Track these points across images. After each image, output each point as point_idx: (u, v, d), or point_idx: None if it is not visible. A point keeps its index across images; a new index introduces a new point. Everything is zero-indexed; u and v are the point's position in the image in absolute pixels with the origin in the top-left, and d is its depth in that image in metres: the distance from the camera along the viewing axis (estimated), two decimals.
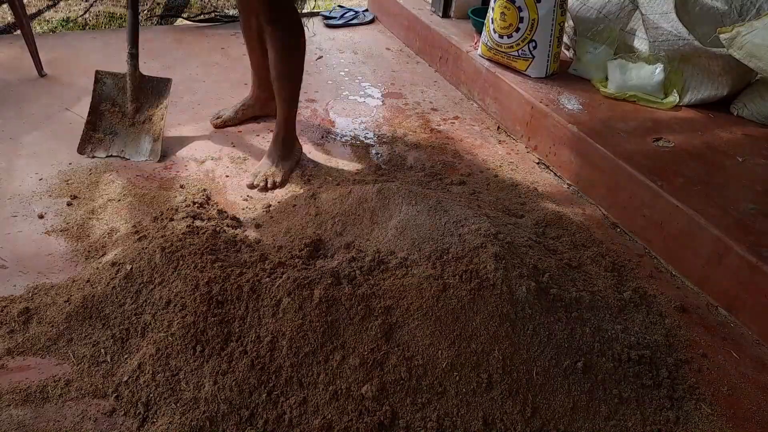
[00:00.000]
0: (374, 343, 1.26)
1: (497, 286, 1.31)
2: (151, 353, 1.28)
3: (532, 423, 1.22)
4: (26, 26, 2.50)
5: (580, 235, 1.83)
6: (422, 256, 1.41)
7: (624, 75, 2.33)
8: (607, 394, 1.28)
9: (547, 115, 2.23)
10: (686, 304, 1.63)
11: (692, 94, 2.28)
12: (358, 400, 1.21)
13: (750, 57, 2.02)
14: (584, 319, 1.38)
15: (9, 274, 1.56)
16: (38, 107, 2.30)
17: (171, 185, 1.96)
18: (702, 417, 1.31)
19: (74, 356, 1.32)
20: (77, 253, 1.64)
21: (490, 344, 1.26)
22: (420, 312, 1.29)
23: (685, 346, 1.49)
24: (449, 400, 1.23)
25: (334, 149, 2.26)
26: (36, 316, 1.40)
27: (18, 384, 1.27)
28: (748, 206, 1.73)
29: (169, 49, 2.99)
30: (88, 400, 1.24)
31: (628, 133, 2.09)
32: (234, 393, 1.21)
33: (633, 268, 1.74)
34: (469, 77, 2.73)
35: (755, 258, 1.53)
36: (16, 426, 1.18)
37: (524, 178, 2.16)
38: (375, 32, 3.51)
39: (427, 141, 2.36)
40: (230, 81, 2.72)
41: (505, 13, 2.39)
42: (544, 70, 2.44)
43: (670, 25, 2.18)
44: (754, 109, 2.21)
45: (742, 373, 1.44)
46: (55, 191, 1.88)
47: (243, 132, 2.32)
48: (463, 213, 1.54)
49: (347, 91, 2.74)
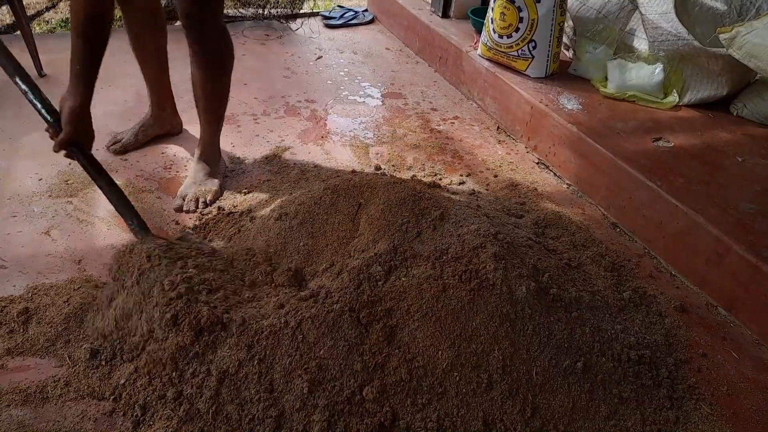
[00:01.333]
0: (376, 346, 1.26)
1: (497, 286, 1.31)
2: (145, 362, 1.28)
3: (531, 423, 1.22)
4: (26, 27, 2.50)
5: (580, 235, 1.83)
6: (422, 256, 1.41)
7: (624, 75, 2.33)
8: (607, 394, 1.28)
9: (547, 115, 2.23)
10: (686, 304, 1.63)
11: (692, 94, 2.28)
12: (359, 402, 1.21)
13: (749, 57, 2.02)
14: (584, 319, 1.38)
15: (9, 274, 1.56)
16: None
17: (170, 188, 1.96)
18: (702, 417, 1.31)
19: (70, 358, 1.32)
20: (77, 253, 1.65)
21: (490, 344, 1.26)
22: (420, 313, 1.29)
23: (685, 346, 1.49)
24: (449, 400, 1.23)
25: (333, 149, 2.26)
26: (35, 317, 1.40)
27: (18, 384, 1.27)
28: (747, 206, 1.73)
29: (168, 49, 2.98)
30: (88, 401, 1.24)
31: (628, 133, 2.09)
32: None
33: (633, 268, 1.74)
34: (469, 77, 2.73)
35: (755, 258, 1.53)
36: (16, 426, 1.18)
37: (524, 178, 2.16)
38: (375, 32, 3.51)
39: (426, 141, 2.36)
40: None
41: (504, 13, 2.40)
42: (544, 70, 2.44)
43: (669, 25, 2.18)
44: (754, 108, 2.21)
45: (741, 373, 1.44)
46: (55, 191, 1.88)
47: (242, 132, 2.32)
48: (463, 213, 1.54)
49: (347, 91, 2.74)
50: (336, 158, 2.20)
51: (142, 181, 1.97)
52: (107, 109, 2.36)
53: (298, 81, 2.80)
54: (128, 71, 2.69)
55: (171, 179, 2.00)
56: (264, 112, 2.49)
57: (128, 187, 1.92)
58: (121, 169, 2.02)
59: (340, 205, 1.56)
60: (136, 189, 1.92)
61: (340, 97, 2.68)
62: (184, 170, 2.05)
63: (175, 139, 2.23)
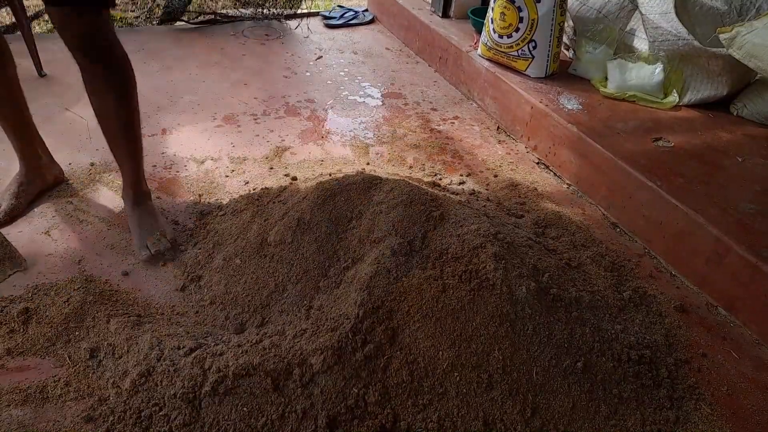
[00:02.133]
0: (378, 349, 1.26)
1: (497, 286, 1.31)
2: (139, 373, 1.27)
3: (532, 423, 1.22)
4: (26, 27, 2.50)
5: (580, 235, 1.83)
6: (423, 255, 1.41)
7: (624, 75, 2.33)
8: (607, 394, 1.28)
9: (547, 115, 2.23)
10: (686, 304, 1.63)
11: (692, 94, 2.28)
12: (361, 406, 1.21)
13: (749, 57, 2.02)
14: (584, 319, 1.38)
15: None
16: (38, 107, 2.29)
17: (169, 189, 1.96)
18: (701, 417, 1.31)
19: (70, 358, 1.32)
20: (77, 253, 1.65)
21: (490, 344, 1.26)
22: (420, 314, 1.29)
23: (685, 346, 1.49)
24: (450, 400, 1.23)
25: (333, 149, 2.26)
26: (35, 317, 1.40)
27: (18, 384, 1.27)
28: (747, 206, 1.73)
29: (168, 49, 2.99)
30: (88, 401, 1.24)
31: (628, 133, 2.09)
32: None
33: (633, 268, 1.74)
34: (469, 77, 2.73)
35: (755, 258, 1.53)
36: (16, 426, 1.18)
37: (524, 178, 2.16)
38: (375, 32, 3.51)
39: (426, 141, 2.36)
40: (230, 81, 2.72)
41: (504, 13, 2.40)
42: (544, 70, 2.44)
43: (669, 25, 2.18)
44: (754, 108, 2.21)
45: (741, 373, 1.44)
46: (55, 191, 1.88)
47: (242, 132, 2.32)
48: (463, 213, 1.54)
49: (347, 91, 2.74)
50: (336, 158, 2.20)
51: None
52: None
53: (298, 81, 2.80)
54: None
55: (171, 179, 2.00)
56: (264, 112, 2.49)
57: None
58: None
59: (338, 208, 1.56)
60: None
61: (340, 97, 2.68)
62: (184, 170, 2.05)
63: (175, 138, 2.23)
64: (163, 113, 2.40)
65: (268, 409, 1.19)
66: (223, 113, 2.44)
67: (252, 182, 2.00)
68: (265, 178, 2.03)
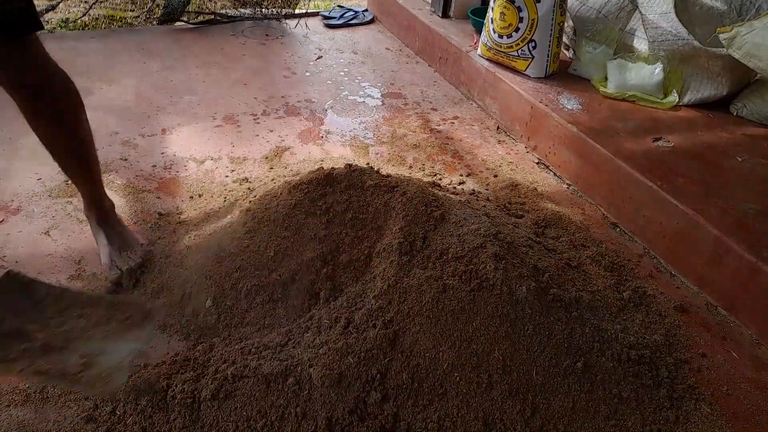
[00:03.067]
0: (380, 353, 1.25)
1: (497, 286, 1.31)
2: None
3: (531, 423, 1.22)
4: None
5: (580, 234, 1.83)
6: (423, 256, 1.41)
7: (623, 75, 2.33)
8: (607, 394, 1.28)
9: (547, 115, 2.23)
10: (686, 304, 1.63)
11: (692, 94, 2.28)
12: (362, 407, 1.21)
13: (749, 57, 2.02)
14: (584, 318, 1.38)
15: None
16: None
17: (169, 189, 1.96)
18: (701, 417, 1.31)
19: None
20: (77, 253, 1.65)
21: (490, 345, 1.26)
22: (420, 314, 1.29)
23: (685, 346, 1.49)
24: (450, 401, 1.22)
25: (333, 149, 2.26)
26: None
27: (18, 384, 1.26)
28: (747, 206, 1.73)
29: (168, 49, 2.99)
30: (88, 401, 1.24)
31: (628, 133, 2.09)
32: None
33: (633, 267, 1.74)
34: (469, 77, 2.73)
35: (755, 258, 1.53)
36: (16, 426, 1.18)
37: (524, 178, 2.16)
38: (375, 32, 3.51)
39: (426, 141, 2.36)
40: (230, 81, 2.72)
41: (504, 13, 2.40)
42: (544, 70, 2.44)
43: (669, 25, 2.18)
44: (754, 109, 2.21)
45: (741, 373, 1.44)
46: (55, 192, 1.88)
47: (242, 132, 2.32)
48: (463, 213, 1.54)
49: (347, 91, 2.74)
50: (335, 158, 2.20)
51: (142, 181, 1.97)
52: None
53: (297, 81, 2.80)
54: (125, 71, 2.70)
55: (171, 179, 2.00)
56: (264, 112, 2.49)
57: (128, 187, 1.92)
58: (122, 169, 2.02)
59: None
60: (136, 189, 1.92)
61: (340, 97, 2.68)
62: (184, 170, 2.05)
63: (174, 138, 2.23)
64: (163, 113, 2.40)
65: (267, 410, 1.19)
66: (223, 113, 2.44)
67: (252, 182, 2.00)
68: (265, 178, 2.03)
